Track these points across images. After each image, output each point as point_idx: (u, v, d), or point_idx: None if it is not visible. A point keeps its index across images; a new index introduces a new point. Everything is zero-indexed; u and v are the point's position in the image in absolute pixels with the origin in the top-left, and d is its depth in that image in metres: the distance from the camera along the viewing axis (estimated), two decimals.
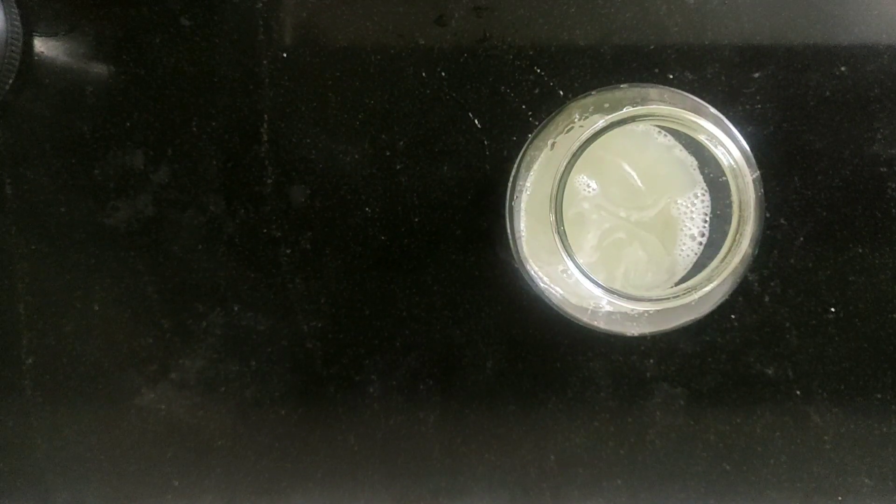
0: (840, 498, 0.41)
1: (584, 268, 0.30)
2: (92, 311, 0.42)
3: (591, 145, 0.30)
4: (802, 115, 0.41)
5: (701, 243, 0.34)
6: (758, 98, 0.40)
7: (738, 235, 0.30)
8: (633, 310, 0.31)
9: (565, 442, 0.41)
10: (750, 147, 0.33)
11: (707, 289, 0.30)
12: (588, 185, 0.34)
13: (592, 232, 0.34)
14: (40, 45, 0.41)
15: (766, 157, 0.40)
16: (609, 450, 0.41)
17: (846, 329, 0.41)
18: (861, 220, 0.41)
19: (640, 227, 0.34)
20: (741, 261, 0.30)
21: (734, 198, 0.30)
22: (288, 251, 0.41)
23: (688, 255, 0.34)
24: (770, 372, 0.41)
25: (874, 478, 0.41)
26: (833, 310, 0.41)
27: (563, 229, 0.30)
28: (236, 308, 0.41)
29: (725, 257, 0.30)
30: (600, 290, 0.30)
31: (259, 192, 0.41)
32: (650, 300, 0.30)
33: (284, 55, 0.41)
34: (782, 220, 0.41)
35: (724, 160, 0.30)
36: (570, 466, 0.41)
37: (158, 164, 0.41)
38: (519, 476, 0.41)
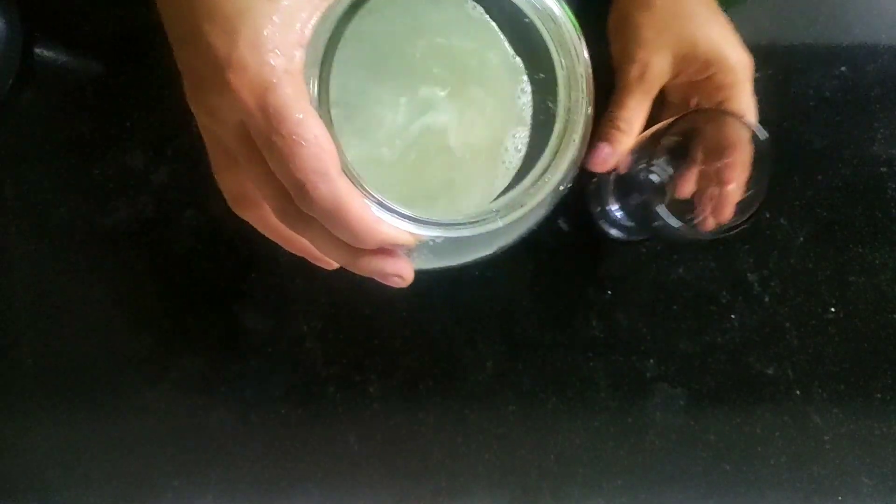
0: (840, 498, 0.41)
1: (351, 165, 0.21)
2: (92, 311, 0.42)
3: (377, 12, 0.21)
4: (802, 115, 0.41)
5: (520, 149, 0.26)
6: (758, 98, 0.39)
7: (561, 144, 0.22)
8: (424, 237, 0.22)
9: (565, 442, 0.41)
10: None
11: (517, 214, 0.23)
12: (369, 63, 0.25)
13: (381, 124, 0.26)
14: (40, 45, 0.41)
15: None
16: (609, 450, 0.41)
17: (846, 329, 0.41)
18: (861, 220, 0.41)
19: (444, 128, 0.25)
20: (562, 179, 0.23)
21: (560, 92, 0.22)
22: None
23: (506, 167, 0.26)
24: (770, 372, 0.41)
25: (874, 478, 0.41)
26: (833, 310, 0.41)
27: (328, 110, 0.22)
28: (236, 308, 0.41)
29: (543, 175, 0.23)
30: (372, 201, 0.21)
31: None
32: (439, 224, 0.21)
33: None
34: (782, 220, 0.41)
35: (538, 5, 0.22)
36: (570, 466, 0.41)
37: (158, 164, 0.41)
38: (519, 476, 0.41)
